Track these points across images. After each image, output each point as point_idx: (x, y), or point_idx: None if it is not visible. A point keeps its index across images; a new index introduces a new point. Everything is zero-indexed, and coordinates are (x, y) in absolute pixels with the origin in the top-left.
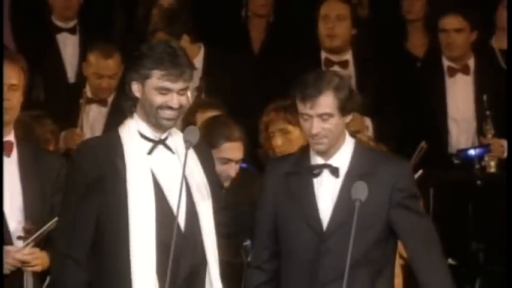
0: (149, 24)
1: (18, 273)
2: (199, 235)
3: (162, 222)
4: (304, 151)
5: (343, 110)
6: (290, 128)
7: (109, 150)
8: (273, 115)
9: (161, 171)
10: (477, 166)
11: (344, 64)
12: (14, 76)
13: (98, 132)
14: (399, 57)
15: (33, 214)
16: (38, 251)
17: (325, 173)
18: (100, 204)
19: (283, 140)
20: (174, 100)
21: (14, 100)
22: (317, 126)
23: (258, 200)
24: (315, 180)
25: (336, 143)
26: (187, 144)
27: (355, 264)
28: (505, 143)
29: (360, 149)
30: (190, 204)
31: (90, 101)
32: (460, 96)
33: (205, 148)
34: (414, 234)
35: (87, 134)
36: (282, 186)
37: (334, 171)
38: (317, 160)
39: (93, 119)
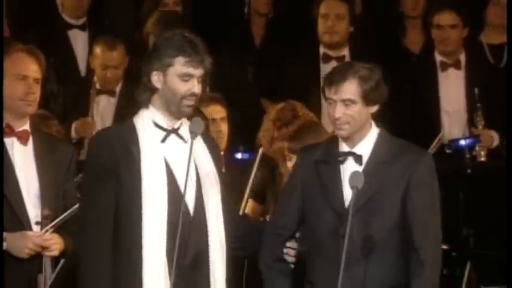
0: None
1: (37, 257)
2: (204, 220)
3: (173, 207)
4: (333, 140)
5: (367, 99)
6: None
7: (124, 138)
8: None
9: (173, 158)
10: (467, 156)
11: (341, 59)
12: (37, 70)
13: (108, 121)
14: (396, 53)
15: (49, 200)
16: (56, 236)
17: (350, 160)
18: (116, 189)
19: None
20: (195, 86)
21: (37, 93)
22: (339, 110)
23: (286, 184)
24: (341, 167)
25: (360, 131)
26: (193, 135)
27: (375, 248)
28: (494, 133)
29: (383, 139)
30: (198, 191)
31: (99, 92)
32: (452, 89)
33: (212, 139)
34: (415, 227)
35: (98, 123)
36: (312, 173)
37: (358, 159)
38: (343, 148)
39: (103, 109)
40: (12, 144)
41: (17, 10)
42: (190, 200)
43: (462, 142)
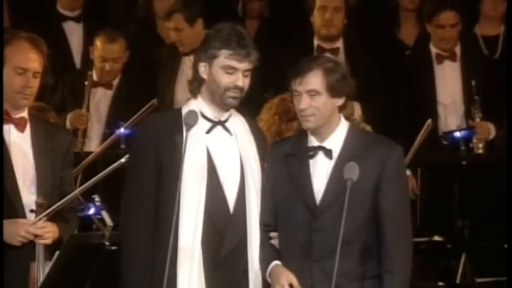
0: (150, 9)
1: (30, 244)
2: (244, 217)
3: (211, 198)
4: (302, 134)
5: (332, 91)
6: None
7: (169, 127)
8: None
9: (217, 150)
10: (463, 147)
11: (335, 51)
12: (38, 62)
13: (104, 113)
14: (391, 44)
15: (44, 188)
16: (49, 224)
17: (320, 154)
18: (158, 176)
19: None
20: (240, 80)
21: (36, 86)
22: (304, 102)
23: (264, 180)
24: (311, 162)
25: (328, 124)
26: (187, 126)
27: (347, 242)
28: (491, 125)
29: (353, 132)
30: (241, 186)
31: (96, 84)
32: (448, 81)
33: (260, 131)
34: (386, 221)
35: (93, 115)
36: (282, 167)
37: (328, 153)
38: (313, 142)
39: (98, 101)
40: (9, 131)
41: (13, 1)
42: (231, 196)
43: (457, 134)
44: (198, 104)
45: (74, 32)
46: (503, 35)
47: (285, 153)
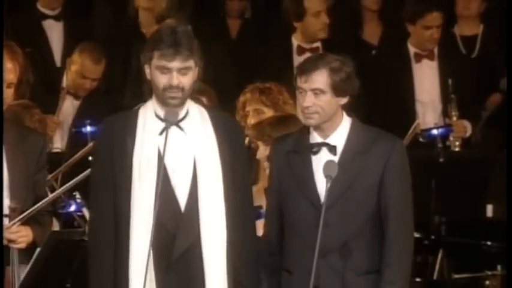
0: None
1: (4, 249)
2: (197, 216)
3: (162, 200)
4: (304, 130)
5: (337, 90)
6: (264, 109)
7: (123, 128)
8: (248, 95)
9: (169, 151)
10: (440, 145)
11: (315, 50)
12: (13, 73)
13: (68, 122)
14: (357, 44)
15: (18, 192)
16: (23, 228)
17: (324, 150)
18: (113, 178)
19: (257, 120)
20: (174, 79)
21: (9, 97)
22: (309, 100)
23: (268, 182)
24: (314, 158)
25: (330, 121)
26: (167, 123)
27: (353, 236)
28: (467, 123)
29: (356, 128)
30: (193, 187)
31: (66, 92)
32: (426, 80)
33: (232, 128)
34: (390, 215)
35: (64, 117)
36: (285, 164)
37: (332, 149)
38: (316, 139)
39: (65, 110)
40: None
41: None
42: (182, 197)
43: (434, 131)
44: (153, 105)
45: (54, 31)
46: (481, 34)
47: (287, 149)
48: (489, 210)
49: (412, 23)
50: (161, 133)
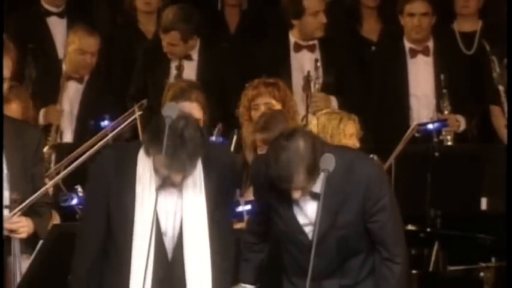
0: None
1: (6, 239)
2: (182, 264)
3: (155, 247)
4: None
5: (314, 173)
6: (274, 102)
7: (124, 161)
8: (262, 89)
9: (163, 207)
10: (435, 139)
11: (312, 48)
12: (7, 69)
13: (76, 108)
14: (356, 40)
15: (17, 184)
16: (24, 219)
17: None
18: (106, 208)
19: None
20: (171, 178)
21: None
22: (297, 195)
23: (253, 190)
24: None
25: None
26: (168, 119)
27: (345, 258)
28: (460, 118)
29: (332, 173)
30: (179, 238)
31: (68, 78)
32: (421, 75)
33: (224, 164)
34: (384, 240)
35: (66, 110)
36: (268, 188)
37: (315, 196)
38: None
39: (72, 96)
40: None
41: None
42: (169, 242)
43: (430, 126)
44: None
45: (58, 27)
46: (480, 31)
47: (269, 182)
48: (483, 203)
49: (401, 14)
50: (158, 190)
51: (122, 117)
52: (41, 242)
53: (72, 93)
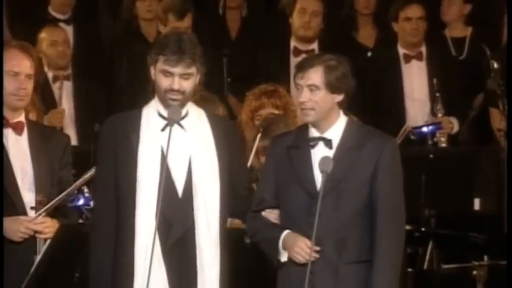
0: (133, 11)
1: (31, 240)
2: (192, 207)
3: (164, 192)
4: (303, 127)
5: (332, 87)
6: (276, 112)
7: (126, 126)
8: (264, 100)
9: (170, 147)
10: (430, 142)
11: (311, 53)
12: (29, 66)
13: (71, 109)
14: (352, 46)
15: (43, 187)
16: (49, 220)
17: (320, 144)
18: (115, 173)
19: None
20: (176, 83)
21: (29, 88)
22: (304, 95)
23: (263, 168)
24: (312, 152)
25: (327, 118)
26: (171, 121)
27: (345, 226)
28: (454, 120)
29: (351, 126)
30: (188, 175)
31: (55, 79)
32: (415, 80)
33: (227, 127)
34: (382, 208)
35: (66, 109)
36: (284, 158)
37: (328, 143)
38: (313, 133)
39: (64, 101)
40: (8, 135)
41: (6, 3)
42: (179, 183)
43: (425, 129)
44: (155, 104)
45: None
46: (470, 36)
47: (287, 145)
48: (476, 203)
49: (396, 21)
50: (163, 130)
51: None
52: (48, 241)
53: (64, 96)
